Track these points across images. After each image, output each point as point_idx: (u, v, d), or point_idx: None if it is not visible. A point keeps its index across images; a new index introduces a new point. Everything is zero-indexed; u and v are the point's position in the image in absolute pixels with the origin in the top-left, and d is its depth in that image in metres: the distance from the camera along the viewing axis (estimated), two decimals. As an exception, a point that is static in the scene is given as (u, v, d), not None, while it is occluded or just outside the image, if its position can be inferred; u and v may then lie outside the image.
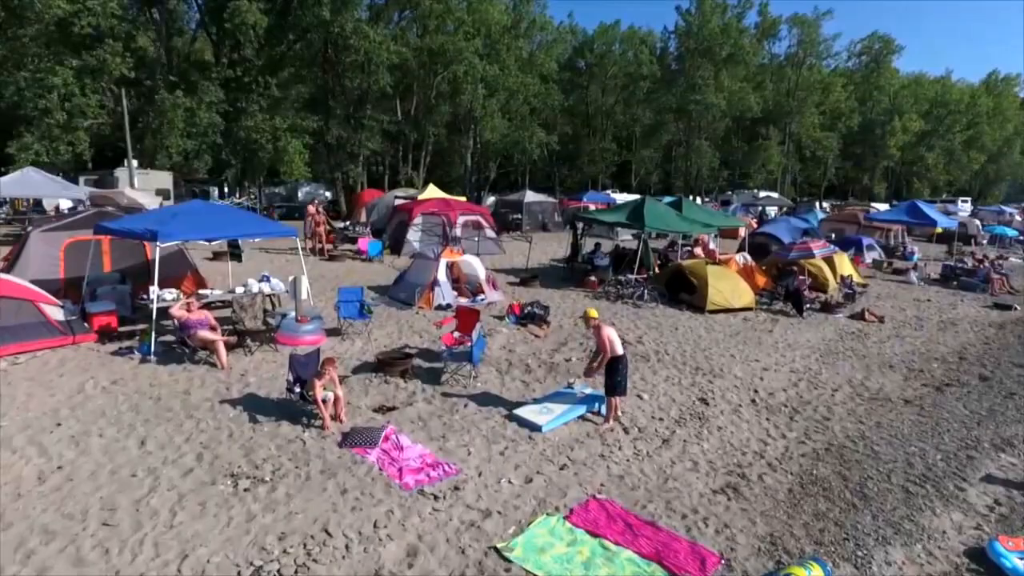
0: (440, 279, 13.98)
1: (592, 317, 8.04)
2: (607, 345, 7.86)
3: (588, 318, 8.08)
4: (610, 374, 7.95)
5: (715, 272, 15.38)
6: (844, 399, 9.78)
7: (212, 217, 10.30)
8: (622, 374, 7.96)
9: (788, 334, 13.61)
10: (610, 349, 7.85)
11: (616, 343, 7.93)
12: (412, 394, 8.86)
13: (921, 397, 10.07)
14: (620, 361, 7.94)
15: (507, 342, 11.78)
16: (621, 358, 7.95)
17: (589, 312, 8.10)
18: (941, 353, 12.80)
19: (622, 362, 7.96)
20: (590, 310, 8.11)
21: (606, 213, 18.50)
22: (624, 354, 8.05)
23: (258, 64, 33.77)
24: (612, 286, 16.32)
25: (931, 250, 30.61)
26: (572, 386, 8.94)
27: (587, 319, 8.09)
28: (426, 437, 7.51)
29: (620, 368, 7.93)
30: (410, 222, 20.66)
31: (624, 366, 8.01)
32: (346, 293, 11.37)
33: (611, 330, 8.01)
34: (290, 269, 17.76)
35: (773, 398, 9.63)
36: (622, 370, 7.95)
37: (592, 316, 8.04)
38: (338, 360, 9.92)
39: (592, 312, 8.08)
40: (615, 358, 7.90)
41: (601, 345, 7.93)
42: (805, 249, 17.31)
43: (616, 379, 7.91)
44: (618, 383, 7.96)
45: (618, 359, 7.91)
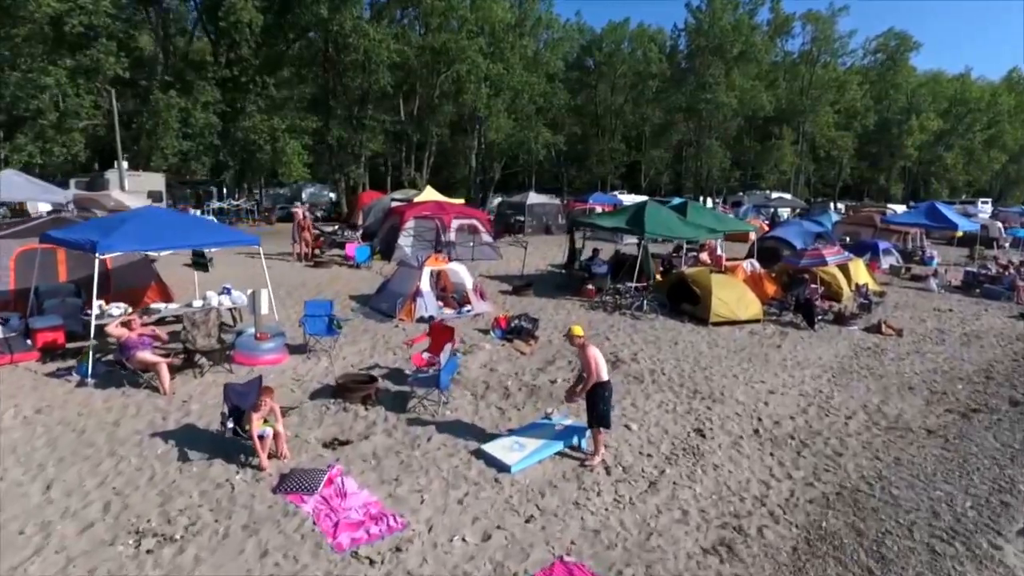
0: (423, 289, 13.06)
1: (577, 335, 7.12)
2: (593, 367, 6.91)
3: (573, 336, 7.15)
4: (593, 403, 7.01)
5: (719, 281, 14.35)
6: (859, 429, 8.75)
7: (164, 226, 9.44)
8: (607, 403, 7.01)
9: (798, 350, 12.56)
10: (595, 373, 6.89)
11: (602, 367, 6.98)
12: (372, 424, 7.94)
13: (945, 426, 9.02)
14: (605, 388, 6.99)
15: (489, 360, 10.84)
16: (606, 385, 7.00)
17: (574, 330, 7.17)
18: (966, 372, 11.72)
19: (607, 389, 7.01)
20: (575, 327, 7.17)
21: (605, 217, 17.50)
22: (610, 380, 7.09)
23: (255, 63, 33.04)
24: (610, 295, 15.32)
25: (951, 254, 29.31)
26: (550, 416, 7.98)
27: (571, 337, 7.17)
28: (377, 480, 6.59)
29: (605, 396, 6.98)
30: (402, 226, 19.77)
31: (609, 394, 7.07)
32: (313, 307, 10.47)
33: (598, 351, 7.05)
34: (272, 277, 16.97)
35: (779, 428, 8.61)
36: (607, 398, 7.01)
37: (577, 334, 7.12)
38: (298, 382, 9.07)
39: (577, 330, 7.15)
40: (599, 384, 6.95)
41: (586, 367, 6.99)
42: (817, 256, 16.23)
43: (601, 408, 6.97)
44: (603, 413, 7.01)
45: (603, 386, 6.96)
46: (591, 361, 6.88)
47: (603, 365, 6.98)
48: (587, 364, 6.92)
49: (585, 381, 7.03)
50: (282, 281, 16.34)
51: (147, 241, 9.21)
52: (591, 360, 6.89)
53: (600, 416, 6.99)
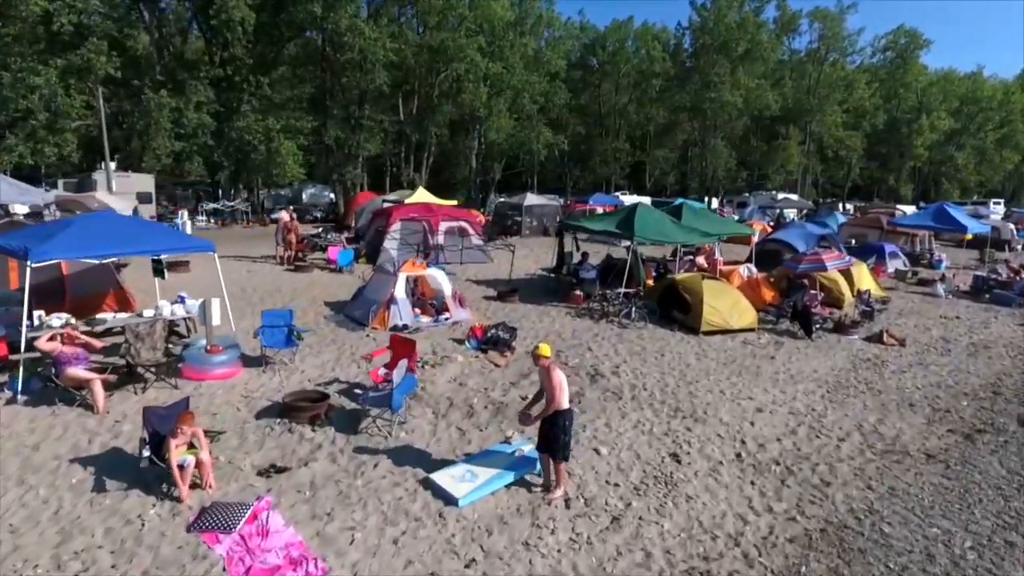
0: (398, 296, 12.43)
1: (543, 355, 6.41)
2: (556, 393, 6.24)
3: (538, 355, 6.45)
4: (553, 433, 6.33)
5: (711, 288, 13.64)
6: (851, 452, 8.04)
7: (108, 232, 8.85)
8: (568, 433, 6.34)
9: (792, 361, 11.84)
10: (557, 400, 6.23)
11: (565, 393, 6.31)
12: (317, 448, 7.31)
13: (946, 449, 8.29)
14: (566, 417, 6.32)
15: (460, 373, 10.19)
16: (567, 413, 6.33)
17: (541, 349, 6.46)
18: (972, 386, 10.96)
19: (568, 418, 6.34)
20: (542, 346, 6.49)
21: (596, 220, 16.82)
22: (571, 408, 6.43)
23: (249, 63, 32.57)
24: (597, 302, 14.64)
25: (961, 257, 28.39)
26: (510, 441, 7.32)
27: (537, 356, 6.47)
28: (308, 514, 5.96)
29: (566, 426, 6.31)
30: (387, 229, 19.16)
31: (570, 423, 6.39)
32: (270, 317, 9.87)
33: (563, 375, 6.38)
34: (248, 282, 16.43)
35: (763, 451, 7.92)
36: (568, 428, 6.33)
37: (543, 354, 6.42)
38: (246, 399, 8.47)
39: (544, 349, 6.46)
40: (560, 413, 6.29)
41: (550, 391, 6.31)
42: (816, 261, 15.47)
43: (563, 440, 6.29)
44: (565, 445, 6.34)
45: (563, 414, 6.29)
46: (555, 386, 6.21)
47: (566, 391, 6.31)
48: (550, 389, 6.25)
49: (545, 407, 6.36)
50: (257, 286, 15.78)
51: (86, 248, 8.62)
52: (555, 385, 6.21)
53: (562, 448, 6.32)
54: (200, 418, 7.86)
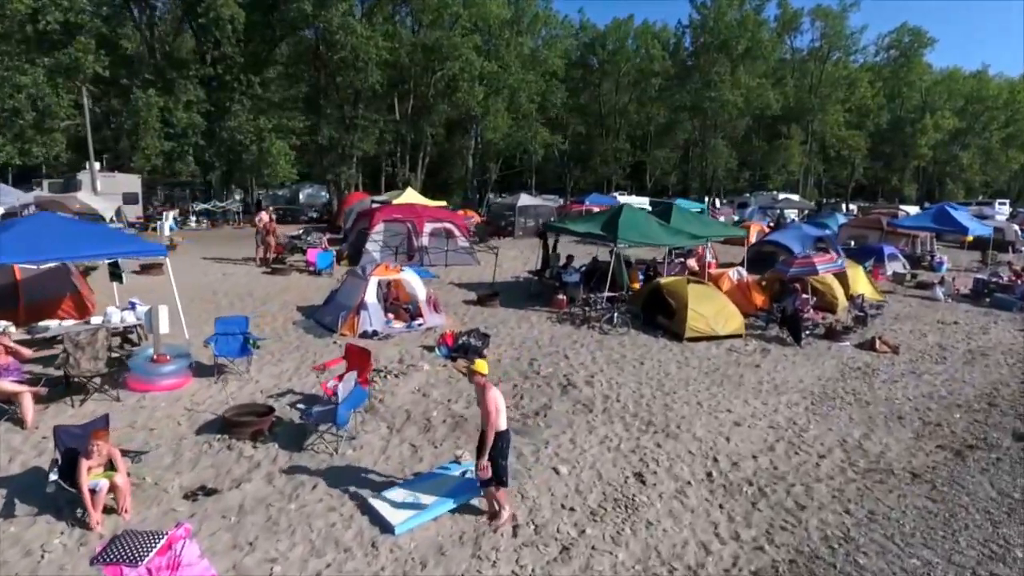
0: (368, 301, 11.97)
1: (479, 372, 5.90)
2: (492, 414, 5.75)
3: (473, 372, 5.93)
4: (494, 455, 5.84)
5: (697, 293, 13.12)
6: (831, 471, 7.53)
7: (51, 236, 8.39)
8: (505, 456, 5.86)
9: (778, 370, 11.32)
10: (494, 422, 5.74)
11: (502, 414, 5.82)
12: (255, 467, 6.85)
13: (934, 467, 7.77)
14: (502, 439, 5.83)
15: (424, 383, 9.72)
16: (504, 435, 5.84)
17: (477, 365, 5.95)
18: (966, 397, 10.42)
19: (504, 440, 5.85)
20: (479, 362, 5.98)
21: (580, 222, 16.31)
22: (508, 430, 5.94)
23: (240, 61, 32.13)
24: (579, 307, 14.14)
25: (963, 259, 27.72)
26: (460, 460, 6.83)
27: (471, 372, 5.96)
28: (229, 543, 5.49)
29: (502, 447, 5.83)
30: (370, 230, 18.70)
31: (506, 445, 5.90)
32: (225, 324, 9.41)
33: (500, 395, 5.88)
34: (221, 286, 15.98)
35: (737, 471, 7.41)
36: (504, 451, 5.85)
37: (479, 371, 5.90)
38: (189, 413, 8.01)
39: (481, 365, 5.95)
40: (501, 433, 5.81)
41: (484, 412, 5.81)
42: (807, 264, 14.92)
43: (499, 464, 5.81)
44: (502, 470, 5.85)
45: (500, 436, 5.80)
46: (491, 407, 5.71)
47: (503, 411, 5.81)
48: (486, 409, 5.75)
49: (485, 431, 5.83)
50: (229, 290, 15.35)
51: (25, 253, 8.18)
52: (491, 405, 5.71)
53: (497, 473, 5.83)
54: (136, 433, 7.44)
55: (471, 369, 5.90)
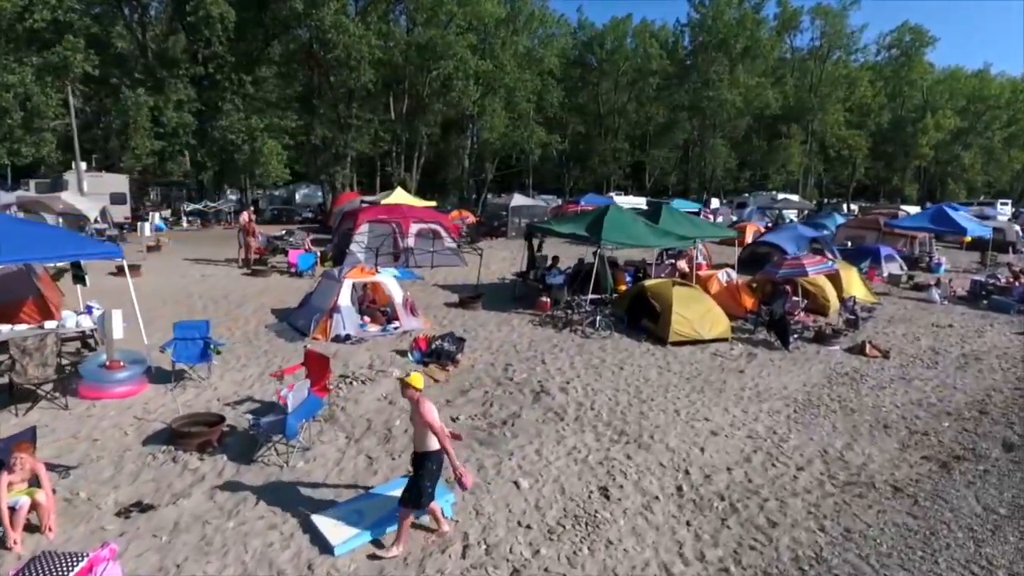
0: (341, 304, 11.64)
1: (413, 386, 5.49)
2: (435, 423, 5.34)
3: (407, 385, 5.50)
4: (415, 477, 5.42)
5: (682, 295, 12.76)
6: (809, 484, 7.17)
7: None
8: (433, 478, 5.43)
9: (763, 376, 10.96)
10: (440, 430, 5.38)
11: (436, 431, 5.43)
12: (199, 480, 6.52)
13: (917, 480, 7.41)
14: (432, 459, 5.41)
15: (392, 389, 9.36)
16: (434, 456, 5.42)
17: (411, 378, 5.53)
18: (956, 404, 10.05)
19: (434, 460, 5.42)
20: (414, 375, 5.58)
21: (565, 223, 15.96)
22: (440, 450, 5.50)
23: (231, 60, 31.87)
24: (561, 310, 13.79)
25: (962, 260, 27.33)
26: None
27: (405, 386, 5.53)
28: (156, 565, 5.16)
29: (432, 470, 5.39)
30: (354, 231, 18.38)
31: (438, 467, 5.45)
32: (184, 328, 9.08)
33: (434, 408, 5.52)
34: (196, 288, 15.63)
35: (709, 484, 7.06)
36: (435, 473, 5.42)
37: (414, 384, 5.49)
38: (139, 422, 7.67)
39: (415, 379, 5.54)
40: (427, 455, 5.40)
41: (426, 423, 5.33)
42: (797, 266, 14.55)
43: (423, 484, 5.36)
44: (422, 492, 5.36)
45: (429, 457, 5.40)
46: (431, 418, 5.32)
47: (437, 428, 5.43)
48: (425, 421, 5.34)
49: (444, 440, 5.42)
50: (204, 292, 15.02)
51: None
52: (429, 417, 5.32)
53: (418, 494, 5.35)
54: (79, 444, 7.13)
55: (404, 382, 5.49)
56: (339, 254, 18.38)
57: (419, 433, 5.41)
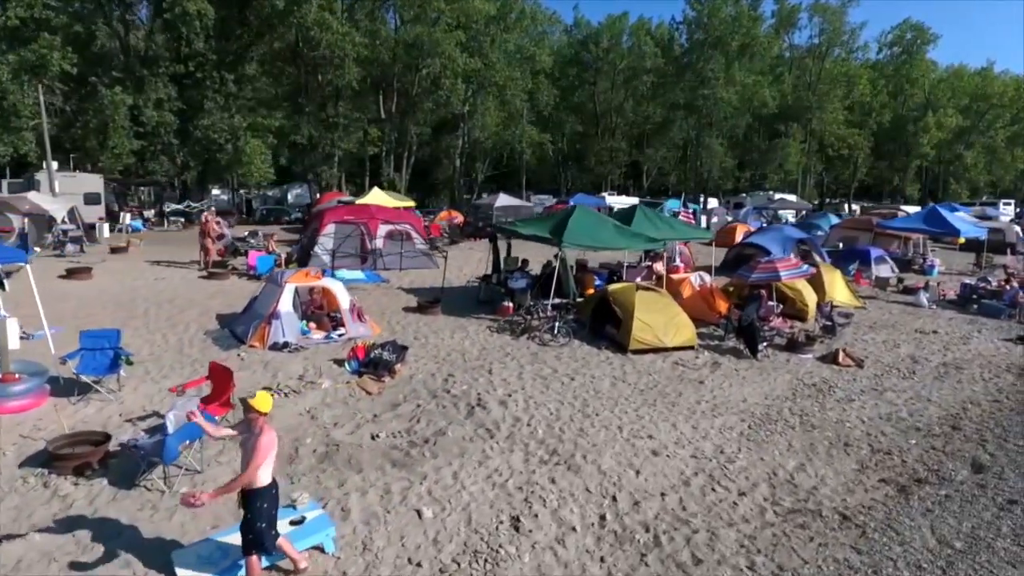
0: (281, 310, 11.05)
1: (256, 410, 4.69)
2: (258, 460, 4.60)
3: (251, 407, 4.71)
4: (249, 517, 4.69)
5: (644, 301, 12.10)
6: (749, 512, 6.53)
7: None
8: (270, 518, 4.73)
9: (724, 387, 10.30)
10: (255, 471, 4.62)
11: (269, 465, 4.73)
12: (68, 508, 5.93)
13: (870, 508, 6.75)
14: (264, 497, 4.70)
15: (319, 402, 8.77)
16: (268, 491, 4.73)
17: (256, 400, 4.73)
18: (927, 419, 9.38)
19: (266, 498, 4.71)
20: (260, 395, 4.82)
21: (530, 224, 15.32)
22: (275, 482, 4.84)
23: (212, 59, 31.35)
24: (520, 315, 13.16)
25: (960, 261, 26.54)
26: (295, 505, 5.85)
27: (248, 408, 4.76)
28: (-25, 614, 4.57)
29: (262, 508, 4.67)
30: (319, 232, 17.80)
31: (271, 505, 4.74)
32: (92, 338, 8.49)
33: (275, 440, 4.78)
34: (144, 291, 15.04)
35: (636, 512, 6.42)
36: (267, 511, 4.71)
37: (259, 408, 4.70)
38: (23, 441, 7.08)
39: (261, 401, 4.74)
40: (256, 491, 4.69)
41: (250, 456, 4.63)
42: (770, 269, 13.87)
43: (258, 526, 4.66)
44: (260, 535, 4.66)
45: (260, 495, 4.69)
46: (261, 454, 4.61)
47: (271, 461, 4.73)
48: (253, 452, 4.62)
49: (238, 476, 4.70)
50: (150, 296, 14.45)
51: None
52: (262, 453, 4.62)
53: (256, 536, 4.66)
54: (-53, 467, 6.53)
55: (248, 405, 4.80)
56: (304, 256, 17.79)
57: (247, 462, 4.71)
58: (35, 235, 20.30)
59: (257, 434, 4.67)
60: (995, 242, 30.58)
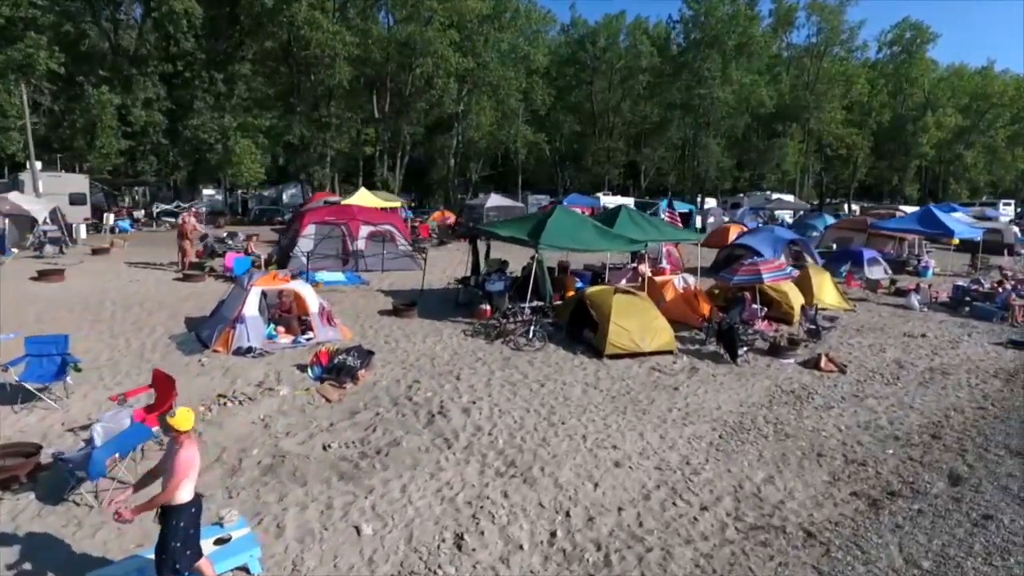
0: (247, 314, 10.77)
1: (178, 428, 4.43)
2: (177, 477, 4.33)
3: (171, 426, 4.45)
4: (163, 535, 4.42)
5: (622, 304, 11.79)
6: (708, 529, 6.22)
7: None
8: (188, 538, 4.44)
9: (699, 393, 9.99)
10: (174, 489, 4.35)
11: (190, 481, 4.44)
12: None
13: (837, 523, 6.44)
14: (182, 514, 4.41)
15: (275, 410, 8.48)
16: (185, 508, 4.44)
17: (176, 418, 4.45)
18: (908, 427, 9.06)
19: (183, 516, 4.41)
20: (180, 411, 4.52)
21: (508, 226, 15.02)
22: (198, 498, 4.57)
23: (201, 58, 31.11)
24: (495, 319, 12.85)
25: (956, 262, 26.14)
26: (222, 523, 5.55)
27: (168, 426, 4.49)
28: None
29: (179, 527, 4.38)
30: (300, 233, 17.53)
31: (188, 525, 4.44)
32: (37, 344, 8.21)
33: (196, 456, 4.52)
34: (121, 292, 14.73)
35: (590, 528, 6.12)
36: (185, 530, 4.42)
37: (177, 427, 4.43)
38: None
39: (180, 420, 4.45)
40: (174, 508, 4.41)
41: (169, 472, 4.39)
42: (752, 272, 13.54)
43: (171, 544, 4.36)
44: (174, 553, 4.37)
45: (179, 511, 4.41)
46: (180, 471, 4.34)
47: (193, 479, 4.44)
48: (170, 470, 4.37)
49: (157, 494, 4.42)
50: (120, 299, 14.17)
51: None
52: (182, 469, 4.34)
53: (170, 557, 4.37)
54: None
55: (167, 423, 4.49)
56: (284, 257, 17.52)
57: (167, 478, 4.43)
58: (15, 236, 20.07)
59: (176, 450, 4.38)
60: (993, 243, 30.25)
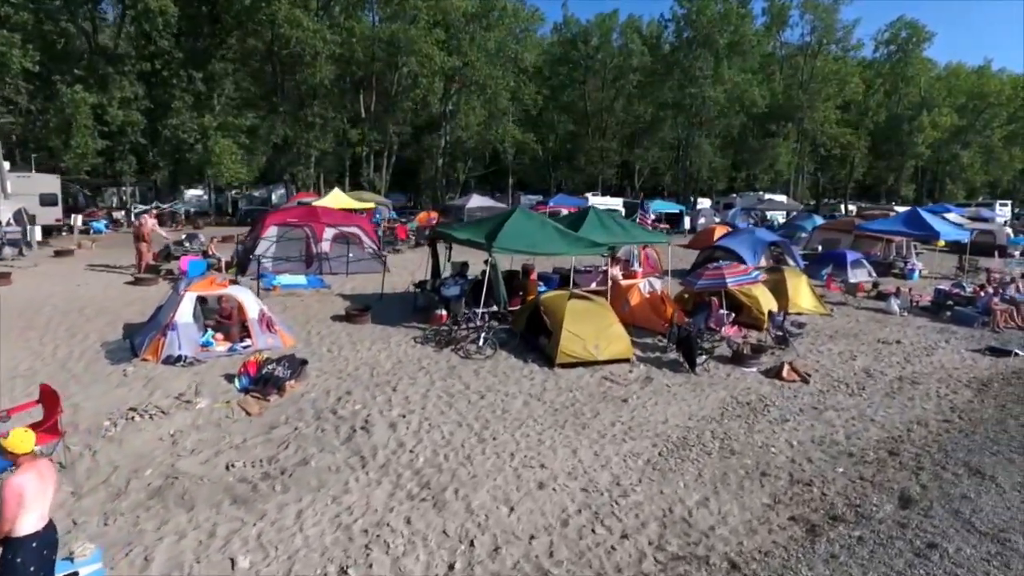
0: (179, 321, 10.30)
1: (13, 451, 3.98)
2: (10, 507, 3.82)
3: (3, 448, 3.99)
4: (3, 571, 3.91)
5: (575, 311, 11.28)
6: (625, 559, 5.73)
7: None
8: (21, 573, 3.90)
9: (648, 406, 9.48)
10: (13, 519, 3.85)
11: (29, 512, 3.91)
12: None
13: (767, 553, 5.94)
14: (21, 549, 3.90)
15: (188, 425, 7.99)
16: (26, 542, 3.92)
17: (9, 440, 4.00)
18: (864, 443, 8.55)
19: (23, 550, 3.90)
20: (15, 434, 4.05)
21: (466, 228, 14.52)
22: (41, 532, 4.05)
23: (179, 57, 30.66)
24: (447, 326, 12.36)
25: (944, 265, 25.61)
26: (72, 559, 5.01)
27: (3, 452, 4.02)
28: None
29: (15, 563, 3.86)
30: (261, 235, 17.05)
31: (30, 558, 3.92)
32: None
33: (32, 482, 3.97)
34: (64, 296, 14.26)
35: (493, 560, 5.62)
36: (19, 567, 3.88)
37: (13, 449, 3.98)
38: None
39: (16, 440, 4.01)
40: (12, 542, 3.89)
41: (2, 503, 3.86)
42: (717, 276, 13.03)
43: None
44: None
45: (18, 543, 3.90)
46: (10, 500, 3.82)
47: (30, 508, 3.93)
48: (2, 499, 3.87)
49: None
50: (62, 304, 13.71)
51: None
52: (11, 499, 3.83)
53: None
54: None
55: (2, 448, 4.05)
56: (244, 260, 17.04)
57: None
58: (-24, 238, 19.62)
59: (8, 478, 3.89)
60: (985, 244, 29.73)
